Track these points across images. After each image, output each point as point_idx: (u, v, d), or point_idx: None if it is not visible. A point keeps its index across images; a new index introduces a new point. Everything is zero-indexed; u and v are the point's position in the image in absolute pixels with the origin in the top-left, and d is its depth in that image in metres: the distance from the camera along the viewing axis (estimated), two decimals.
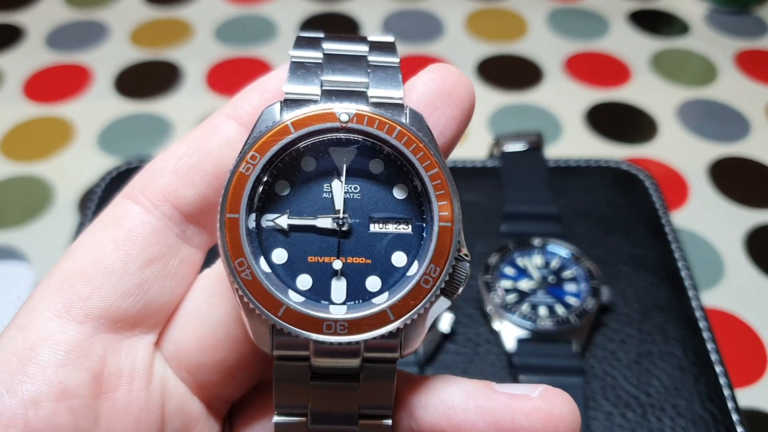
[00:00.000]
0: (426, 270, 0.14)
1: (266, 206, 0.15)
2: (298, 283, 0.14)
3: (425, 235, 0.14)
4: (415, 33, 0.55)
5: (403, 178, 0.14)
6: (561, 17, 0.57)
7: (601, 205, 0.35)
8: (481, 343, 0.30)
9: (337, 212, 0.14)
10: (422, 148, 0.14)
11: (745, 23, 0.57)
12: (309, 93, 0.14)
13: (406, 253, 0.14)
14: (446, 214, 0.14)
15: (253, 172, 0.14)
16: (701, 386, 0.29)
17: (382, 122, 0.14)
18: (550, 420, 0.15)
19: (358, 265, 0.14)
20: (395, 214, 0.14)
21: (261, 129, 0.14)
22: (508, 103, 0.49)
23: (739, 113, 0.49)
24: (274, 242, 0.14)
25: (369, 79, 0.14)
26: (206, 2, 0.58)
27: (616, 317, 0.31)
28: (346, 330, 0.13)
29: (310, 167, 0.15)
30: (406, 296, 0.14)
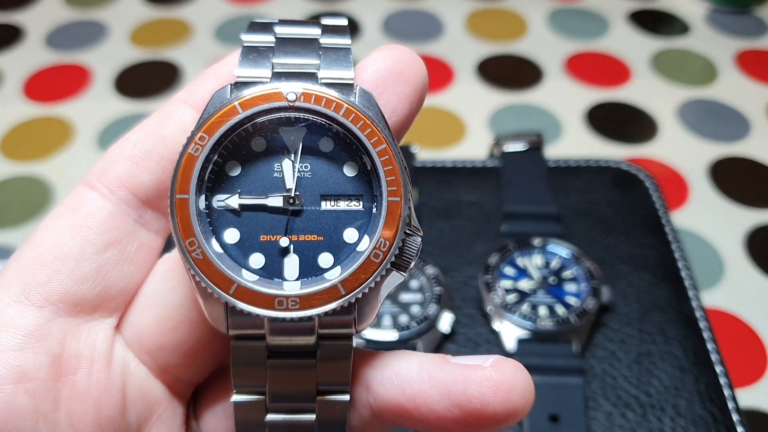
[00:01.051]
0: (376, 244, 0.14)
1: (217, 186, 0.15)
2: (251, 261, 0.14)
3: (375, 210, 0.14)
4: (415, 33, 0.55)
5: (353, 155, 0.15)
6: (561, 17, 0.57)
7: (601, 205, 0.35)
8: (481, 344, 0.30)
9: (288, 191, 0.14)
10: (370, 125, 0.14)
11: (746, 23, 0.57)
12: (259, 76, 0.15)
13: (358, 229, 0.14)
14: (395, 189, 0.14)
15: (201, 152, 0.14)
16: (701, 386, 0.29)
17: (329, 101, 0.14)
18: (501, 388, 0.15)
19: (310, 242, 0.14)
20: (346, 191, 0.15)
21: (210, 111, 0.14)
22: (508, 103, 0.49)
23: (739, 113, 0.49)
24: (225, 222, 0.15)
25: (320, 61, 0.14)
26: (206, 2, 0.58)
27: (616, 317, 0.31)
28: (297, 306, 0.13)
29: (260, 147, 0.15)
30: (357, 270, 0.14)
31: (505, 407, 0.15)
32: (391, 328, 0.28)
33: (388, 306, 0.30)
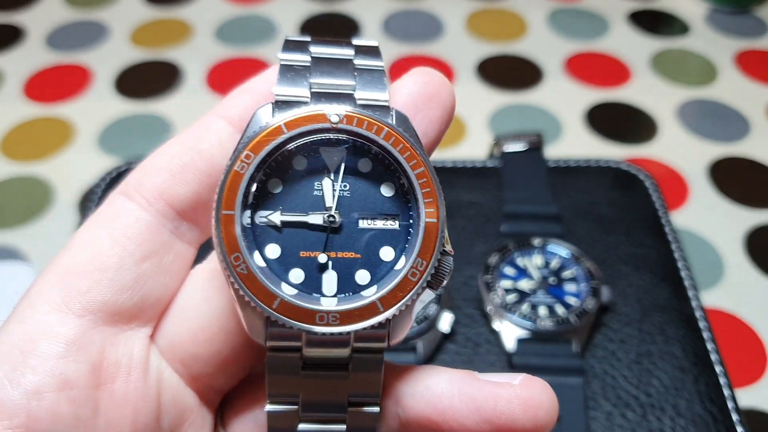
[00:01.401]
0: (413, 264, 0.14)
1: (260, 203, 0.15)
2: (291, 276, 0.15)
3: (412, 231, 0.15)
4: (415, 33, 0.55)
5: (391, 176, 0.15)
6: (561, 17, 0.57)
7: (601, 205, 0.35)
8: (481, 343, 0.30)
9: (327, 209, 0.15)
10: (408, 147, 0.15)
11: (745, 23, 0.57)
12: (299, 95, 0.15)
13: (394, 248, 0.15)
14: (432, 211, 0.15)
15: (247, 170, 0.15)
16: (701, 386, 0.29)
17: (371, 123, 0.15)
18: (530, 406, 0.16)
19: (347, 259, 0.15)
20: (383, 211, 0.15)
21: (255, 129, 0.15)
22: (508, 103, 0.49)
23: (739, 113, 0.49)
24: (267, 238, 0.15)
25: (356, 82, 0.15)
26: (206, 2, 0.58)
27: (616, 317, 0.31)
28: (338, 321, 0.14)
29: (301, 166, 0.15)
30: (394, 289, 0.14)
31: (533, 424, 0.16)
32: None
33: None
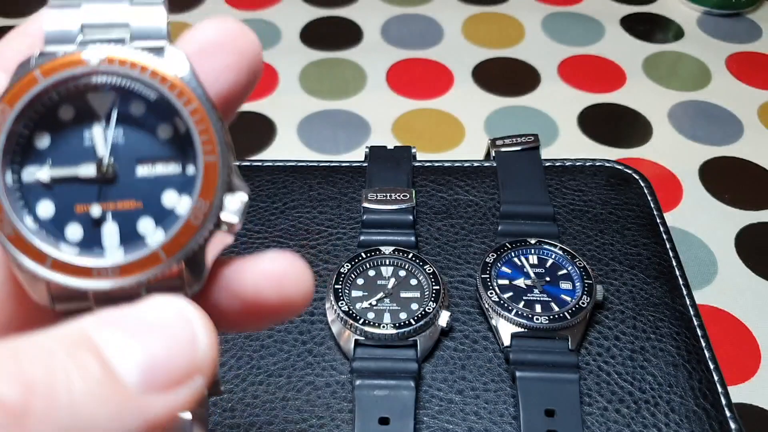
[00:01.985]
0: (195, 206, 0.14)
1: (26, 160, 0.14)
2: (68, 234, 0.14)
3: (191, 173, 0.14)
4: (414, 37, 0.56)
5: (166, 118, 0.14)
6: (556, 22, 0.58)
7: (596, 205, 0.36)
8: (478, 340, 0.31)
9: (99, 158, 0.14)
10: (178, 84, 0.14)
11: (738, 26, 0.57)
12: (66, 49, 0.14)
13: (178, 192, 0.14)
14: (210, 148, 0.14)
15: (3, 126, 0.14)
16: (695, 382, 0.29)
17: (134, 64, 0.13)
18: (276, 280, 0.15)
19: (128, 210, 0.14)
20: (161, 154, 0.14)
21: (11, 82, 0.14)
22: (504, 106, 0.50)
23: (733, 115, 0.50)
24: (37, 195, 0.14)
25: (130, 33, 0.14)
26: (211, 7, 0.59)
27: (610, 314, 0.31)
28: (117, 274, 0.13)
29: (68, 115, 0.14)
30: (177, 235, 0.14)
31: (279, 297, 0.15)
32: (390, 324, 0.29)
33: (386, 303, 0.30)
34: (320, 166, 0.38)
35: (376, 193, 0.34)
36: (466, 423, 0.28)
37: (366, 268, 0.32)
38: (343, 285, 0.31)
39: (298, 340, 0.30)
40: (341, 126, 0.48)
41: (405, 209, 0.34)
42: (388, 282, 0.31)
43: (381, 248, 0.32)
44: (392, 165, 0.37)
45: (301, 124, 0.48)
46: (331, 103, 0.50)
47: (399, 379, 0.28)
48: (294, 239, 0.34)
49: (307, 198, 0.36)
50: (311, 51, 0.54)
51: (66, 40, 0.14)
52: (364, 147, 0.42)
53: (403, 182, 0.36)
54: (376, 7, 0.59)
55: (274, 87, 0.51)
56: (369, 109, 0.49)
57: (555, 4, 0.59)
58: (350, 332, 0.29)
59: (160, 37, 0.14)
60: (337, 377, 0.29)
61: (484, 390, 0.29)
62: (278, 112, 0.49)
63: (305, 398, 0.28)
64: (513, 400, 0.28)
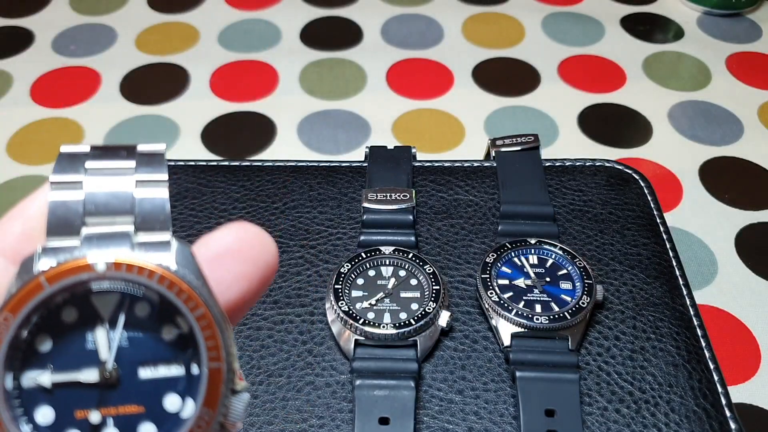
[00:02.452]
0: (200, 413, 0.14)
1: (26, 364, 0.14)
2: None
3: (196, 376, 0.14)
4: (414, 37, 0.56)
5: (170, 320, 0.14)
6: (556, 22, 0.58)
7: (596, 205, 0.36)
8: (479, 340, 0.31)
9: (102, 362, 0.14)
10: (186, 290, 0.14)
11: (738, 26, 0.57)
12: (68, 245, 0.14)
13: (180, 395, 0.14)
14: (215, 354, 0.14)
15: (6, 335, 0.14)
16: (694, 382, 0.29)
17: (142, 268, 0.14)
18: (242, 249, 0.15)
19: (130, 414, 0.14)
20: (165, 357, 0.14)
21: (18, 285, 0.14)
22: (504, 106, 0.50)
23: (733, 115, 0.50)
24: (37, 401, 0.14)
25: (134, 224, 0.14)
26: (211, 7, 0.59)
27: (610, 314, 0.31)
28: None
29: (71, 318, 0.14)
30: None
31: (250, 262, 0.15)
32: (390, 324, 0.29)
33: (386, 303, 0.30)
34: (320, 166, 0.38)
35: (376, 193, 0.34)
36: (466, 423, 0.28)
37: (366, 268, 0.32)
38: (343, 285, 0.31)
39: (298, 340, 0.30)
40: (341, 126, 0.48)
41: (405, 209, 0.34)
42: (388, 282, 0.31)
43: (381, 248, 0.32)
44: (392, 165, 0.37)
45: (301, 124, 0.48)
46: (331, 103, 0.50)
47: (399, 379, 0.28)
48: (294, 239, 0.34)
49: (307, 198, 0.36)
50: (311, 51, 0.54)
51: (69, 232, 0.14)
52: (364, 147, 0.42)
53: (403, 182, 0.36)
54: (376, 7, 0.59)
55: (274, 87, 0.51)
56: (369, 109, 0.49)
57: (555, 4, 0.59)
58: (350, 332, 0.29)
59: (165, 229, 0.14)
60: (337, 377, 0.29)
61: (484, 390, 0.29)
62: (278, 112, 0.49)
63: (305, 398, 0.28)
64: (513, 400, 0.28)
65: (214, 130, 0.48)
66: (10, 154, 0.46)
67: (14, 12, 0.58)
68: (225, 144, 0.47)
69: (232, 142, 0.47)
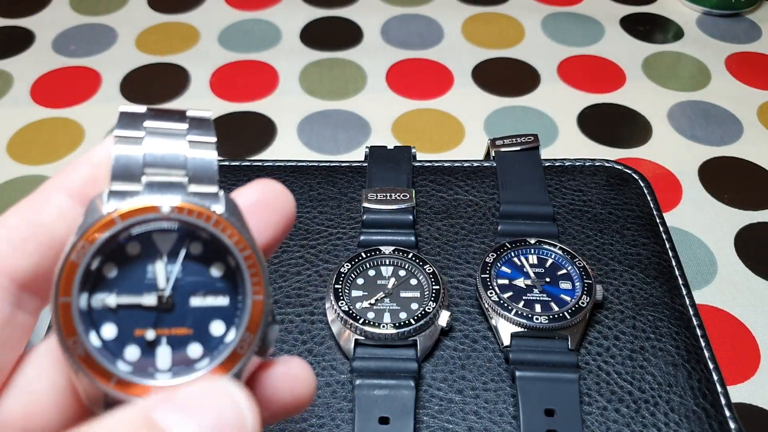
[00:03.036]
0: (242, 338, 0.16)
1: (96, 287, 0.16)
2: (126, 354, 0.16)
3: (240, 306, 0.16)
4: (414, 38, 0.56)
5: (220, 258, 0.17)
6: (556, 22, 0.58)
7: (596, 205, 0.36)
8: (478, 340, 0.31)
9: (160, 290, 0.16)
10: (236, 233, 0.16)
11: (737, 27, 0.57)
12: (132, 189, 0.16)
13: (225, 322, 0.17)
14: (258, 288, 0.16)
15: (83, 260, 0.16)
16: (694, 382, 0.29)
17: (201, 212, 0.16)
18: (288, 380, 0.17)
19: (180, 335, 0.16)
20: (213, 289, 0.17)
21: (91, 219, 0.16)
22: (504, 106, 0.50)
23: (732, 115, 0.50)
24: (103, 319, 0.16)
25: (188, 176, 0.17)
26: (211, 8, 0.59)
27: (610, 314, 0.32)
28: None
29: (135, 251, 0.17)
30: (225, 361, 0.16)
31: (293, 396, 0.17)
32: (390, 324, 0.29)
33: (386, 303, 0.31)
34: (320, 166, 0.38)
35: (376, 193, 0.34)
36: (465, 422, 0.28)
37: (366, 268, 0.32)
38: (343, 285, 0.31)
39: (298, 340, 0.30)
40: (341, 126, 0.48)
41: (405, 209, 0.34)
42: (388, 282, 0.31)
43: (381, 248, 0.32)
44: (392, 165, 0.37)
45: (301, 124, 0.48)
46: (331, 103, 0.50)
47: (399, 378, 0.28)
48: (294, 239, 0.34)
49: (307, 198, 0.36)
50: (311, 51, 0.55)
51: (131, 178, 0.16)
52: (364, 147, 0.42)
53: (403, 182, 0.36)
54: (376, 7, 0.59)
55: (274, 87, 0.51)
56: (369, 109, 0.49)
57: (555, 4, 0.59)
58: (350, 332, 0.29)
59: (213, 183, 0.17)
60: (337, 377, 0.29)
61: (484, 389, 0.29)
62: (278, 112, 0.49)
63: None
64: (513, 400, 0.29)
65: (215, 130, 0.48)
66: (10, 154, 0.46)
67: (14, 12, 0.58)
68: (225, 144, 0.47)
69: (232, 142, 0.47)
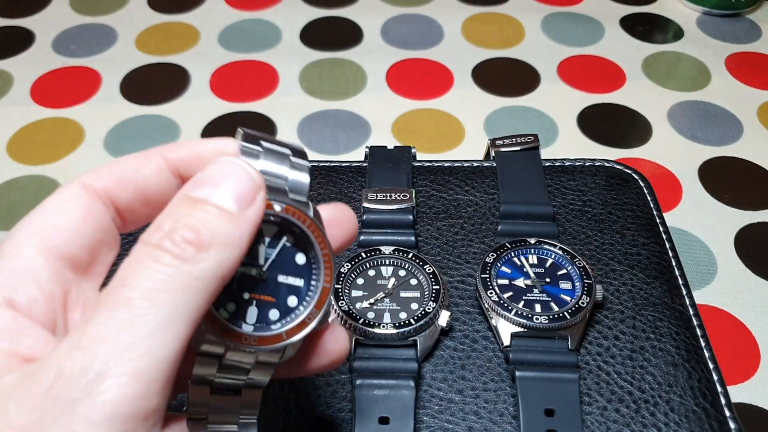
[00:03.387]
0: (310, 312, 0.21)
1: None
2: (227, 306, 0.21)
3: (312, 288, 0.21)
4: (414, 38, 0.56)
5: (306, 249, 0.22)
6: (556, 22, 0.58)
7: (596, 205, 0.36)
8: (478, 340, 0.31)
9: (259, 266, 0.21)
10: (320, 234, 0.21)
11: (737, 27, 0.57)
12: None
13: (298, 298, 0.21)
14: (328, 278, 0.21)
15: None
16: (694, 382, 0.29)
17: (300, 215, 0.21)
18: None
19: (266, 301, 0.21)
20: (296, 272, 0.21)
21: None
22: (504, 106, 0.50)
23: (732, 115, 0.50)
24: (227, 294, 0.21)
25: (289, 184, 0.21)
26: (211, 8, 0.59)
27: (610, 314, 0.32)
28: (256, 342, 0.20)
29: None
30: (295, 326, 0.21)
31: None
32: (390, 324, 0.29)
33: (386, 303, 0.31)
34: (320, 166, 0.38)
35: (376, 193, 0.34)
36: (465, 422, 0.28)
37: (366, 267, 0.32)
38: (343, 285, 0.31)
39: None
40: (341, 126, 0.48)
41: (405, 209, 0.34)
42: (388, 282, 0.31)
43: (381, 248, 0.32)
44: (392, 165, 0.37)
45: (301, 124, 0.48)
46: (331, 103, 0.50)
47: (399, 378, 0.28)
48: None
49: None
50: (311, 51, 0.55)
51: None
52: (364, 147, 0.42)
53: (403, 182, 0.36)
54: (376, 7, 0.59)
55: (274, 87, 0.51)
56: (369, 109, 0.49)
57: (555, 4, 0.59)
58: (350, 332, 0.29)
59: (304, 194, 0.22)
60: (337, 377, 0.29)
61: (484, 389, 0.29)
62: (278, 112, 0.49)
63: (305, 398, 0.28)
64: (513, 400, 0.29)
65: (214, 130, 0.48)
66: (10, 154, 0.46)
67: (14, 12, 0.58)
68: None
69: None
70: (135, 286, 0.16)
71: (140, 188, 0.21)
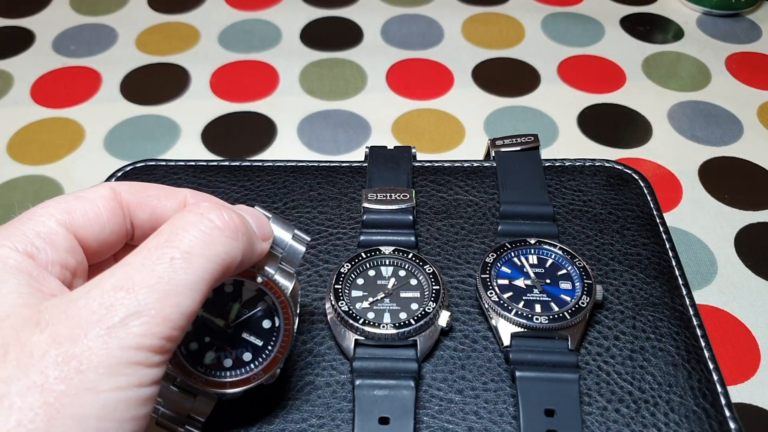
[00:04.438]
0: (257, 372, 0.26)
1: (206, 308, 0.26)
2: (189, 345, 0.25)
3: (267, 353, 0.26)
4: (414, 38, 0.56)
5: (273, 319, 0.26)
6: (556, 22, 0.58)
7: (596, 205, 0.36)
8: (478, 340, 0.31)
9: (229, 321, 0.26)
10: (289, 313, 0.26)
11: (737, 27, 0.57)
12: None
13: (253, 356, 0.26)
14: (283, 349, 0.26)
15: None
16: (694, 382, 0.29)
17: (277, 291, 0.25)
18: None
19: (226, 351, 0.25)
20: (259, 333, 0.26)
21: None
22: (504, 106, 0.50)
23: (732, 116, 0.50)
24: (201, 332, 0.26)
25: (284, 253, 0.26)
26: (211, 8, 0.59)
27: (610, 314, 0.32)
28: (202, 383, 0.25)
29: (228, 290, 0.26)
30: (241, 380, 0.25)
31: None
32: (390, 324, 0.29)
33: (386, 303, 0.31)
34: (320, 166, 0.38)
35: (376, 193, 0.34)
36: (465, 423, 0.28)
37: (366, 268, 0.32)
38: (343, 285, 0.31)
39: (298, 340, 0.30)
40: (341, 126, 0.48)
41: (405, 209, 0.34)
42: (388, 282, 0.31)
43: (381, 248, 0.32)
44: (392, 165, 0.37)
45: (301, 124, 0.48)
46: (331, 103, 0.50)
47: (399, 378, 0.28)
48: None
49: (307, 198, 0.36)
50: (311, 51, 0.55)
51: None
52: (364, 147, 0.42)
53: (403, 182, 0.36)
54: (376, 7, 0.59)
55: (274, 87, 0.51)
56: (369, 109, 0.49)
57: (555, 4, 0.59)
58: (350, 332, 0.29)
59: (294, 266, 0.26)
60: (337, 377, 0.29)
61: (484, 390, 0.29)
62: (278, 112, 0.49)
63: (305, 398, 0.28)
64: (513, 400, 0.29)
65: (215, 130, 0.48)
66: (10, 154, 0.46)
67: (14, 12, 0.58)
68: (225, 144, 0.47)
69: (233, 142, 0.47)
70: (179, 248, 0.20)
71: (156, 215, 0.23)
